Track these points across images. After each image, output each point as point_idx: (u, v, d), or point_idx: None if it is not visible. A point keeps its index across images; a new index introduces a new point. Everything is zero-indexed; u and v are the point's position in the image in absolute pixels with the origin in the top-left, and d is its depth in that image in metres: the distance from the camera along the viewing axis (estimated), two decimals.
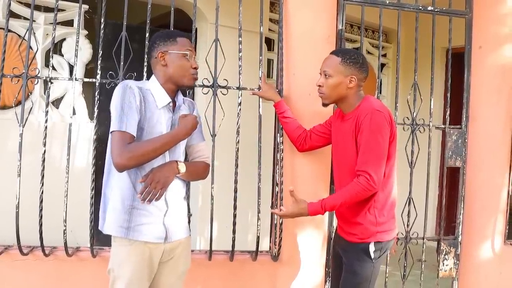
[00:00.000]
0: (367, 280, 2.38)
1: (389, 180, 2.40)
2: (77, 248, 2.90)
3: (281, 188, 2.92)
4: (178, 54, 2.18)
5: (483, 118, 3.32)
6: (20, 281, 2.83)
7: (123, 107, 2.04)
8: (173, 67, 2.18)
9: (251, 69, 3.26)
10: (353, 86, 2.41)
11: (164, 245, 2.18)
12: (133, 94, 2.07)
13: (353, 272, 2.40)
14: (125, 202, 2.10)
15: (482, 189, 3.33)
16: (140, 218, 2.12)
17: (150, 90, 2.17)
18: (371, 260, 2.36)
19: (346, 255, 2.47)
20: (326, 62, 2.46)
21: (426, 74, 3.53)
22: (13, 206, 2.70)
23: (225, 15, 3.36)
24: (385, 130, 2.30)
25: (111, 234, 2.13)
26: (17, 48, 3.48)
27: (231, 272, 3.03)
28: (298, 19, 3.02)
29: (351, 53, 2.45)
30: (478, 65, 3.32)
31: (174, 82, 2.20)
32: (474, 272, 3.35)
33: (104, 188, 2.18)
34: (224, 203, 3.02)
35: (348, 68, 2.39)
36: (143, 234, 2.12)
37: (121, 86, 2.09)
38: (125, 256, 2.12)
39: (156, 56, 2.19)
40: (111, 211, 2.12)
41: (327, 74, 2.41)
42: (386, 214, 2.41)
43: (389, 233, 2.42)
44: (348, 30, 5.82)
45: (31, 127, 3.24)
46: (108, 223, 2.13)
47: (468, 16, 3.32)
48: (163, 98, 2.18)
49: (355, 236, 2.40)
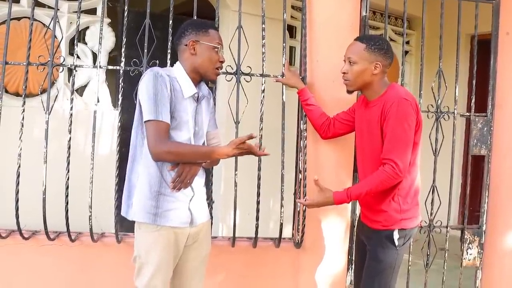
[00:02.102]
0: (391, 267, 2.38)
1: (413, 167, 2.38)
2: (102, 234, 2.94)
3: (304, 175, 2.91)
4: (208, 46, 2.19)
5: (509, 106, 3.27)
6: (47, 265, 2.90)
7: (156, 96, 2.04)
8: (202, 58, 2.19)
9: (274, 57, 3.24)
10: (378, 73, 2.38)
11: (189, 229, 2.22)
12: (164, 82, 2.07)
13: (377, 259, 2.39)
14: (152, 188, 2.12)
15: (508, 178, 3.28)
16: (168, 204, 2.14)
17: (176, 78, 2.17)
18: (395, 247, 2.36)
19: (370, 242, 2.47)
20: (350, 49, 2.43)
21: (450, 61, 3.48)
22: (40, 193, 2.75)
23: (248, 2, 3.35)
24: (411, 118, 2.28)
25: (138, 220, 2.15)
26: (42, 36, 3.51)
27: (254, 259, 3.05)
28: (321, 6, 3.00)
29: (376, 39, 2.43)
30: (505, 52, 3.26)
31: (199, 72, 2.21)
32: (499, 262, 3.31)
33: (128, 174, 2.19)
34: (247, 190, 3.02)
35: (373, 54, 2.37)
36: (170, 219, 2.14)
37: (151, 74, 2.08)
38: (152, 242, 2.14)
39: (187, 43, 2.18)
40: (138, 197, 2.14)
41: (351, 60, 2.39)
42: (410, 202, 2.40)
43: (413, 220, 2.41)
44: (371, 17, 5.75)
45: (56, 115, 3.28)
46: (134, 209, 2.15)
47: (495, 2, 3.26)
48: (190, 87, 2.19)
49: (379, 223, 2.39)
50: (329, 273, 3.03)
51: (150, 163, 2.12)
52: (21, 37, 3.62)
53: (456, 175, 4.04)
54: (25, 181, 2.80)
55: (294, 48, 5.03)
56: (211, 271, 2.61)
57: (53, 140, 2.90)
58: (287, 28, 3.48)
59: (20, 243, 2.85)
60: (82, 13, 3.67)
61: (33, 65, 2.80)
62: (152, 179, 2.13)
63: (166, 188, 2.13)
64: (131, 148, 2.19)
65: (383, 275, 2.38)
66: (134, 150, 2.17)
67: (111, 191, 2.80)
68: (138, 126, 2.16)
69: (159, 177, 2.13)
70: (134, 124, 2.18)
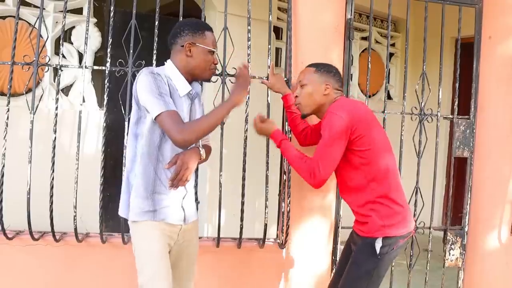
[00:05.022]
0: (368, 275, 2.34)
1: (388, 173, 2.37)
2: (86, 234, 2.94)
3: (288, 176, 2.93)
4: (204, 49, 2.21)
5: (491, 109, 3.31)
6: (31, 265, 2.88)
7: (159, 91, 2.05)
8: (197, 60, 2.21)
9: (260, 58, 3.26)
10: (329, 93, 2.45)
11: (181, 227, 2.24)
12: (162, 81, 2.09)
13: (356, 264, 2.38)
14: (148, 188, 2.14)
15: (490, 180, 3.33)
16: (163, 202, 2.16)
17: (170, 77, 2.18)
18: (376, 256, 2.32)
19: (355, 247, 2.46)
20: (301, 74, 2.54)
21: (434, 64, 3.52)
22: (24, 192, 2.74)
23: (234, 4, 3.36)
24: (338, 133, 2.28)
25: (138, 221, 2.15)
26: (27, 36, 3.49)
27: (239, 259, 3.06)
28: (307, 8, 3.02)
29: (324, 64, 2.54)
30: (487, 55, 3.31)
31: (193, 73, 2.23)
32: (480, 262, 3.36)
33: (127, 174, 2.21)
34: (232, 191, 3.04)
35: (322, 76, 2.46)
36: (167, 216, 2.17)
37: (147, 73, 2.09)
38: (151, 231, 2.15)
39: (183, 45, 2.19)
40: (135, 197, 2.15)
41: (302, 83, 2.48)
42: (391, 208, 2.36)
43: (397, 227, 2.35)
44: (357, 19, 5.79)
45: (41, 115, 3.27)
46: (133, 211, 2.16)
47: (478, 6, 3.31)
48: (185, 86, 2.20)
49: (363, 231, 2.40)
50: (313, 274, 3.05)
51: (147, 162, 2.14)
52: (6, 36, 3.61)
53: (439, 176, 4.09)
54: (9, 181, 2.79)
55: (280, 50, 5.04)
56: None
57: (38, 140, 2.89)
58: (274, 29, 3.50)
59: (4, 243, 2.83)
60: (68, 12, 3.66)
61: (18, 64, 2.79)
62: (148, 179, 2.14)
63: (160, 186, 2.15)
64: (130, 149, 2.20)
65: (359, 281, 2.36)
66: (133, 151, 2.18)
67: (96, 191, 2.80)
68: (135, 126, 2.17)
69: (154, 175, 2.15)
70: (131, 125, 2.19)
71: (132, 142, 2.19)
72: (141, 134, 2.15)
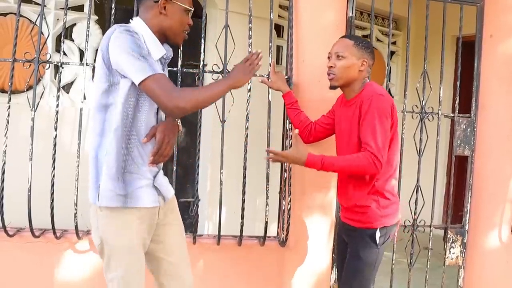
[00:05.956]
0: (371, 265, 2.39)
1: (390, 165, 2.40)
2: (87, 231, 2.94)
3: (289, 174, 2.93)
4: (181, 8, 2.00)
5: (492, 107, 3.31)
6: (31, 262, 2.89)
7: (141, 52, 1.82)
8: (172, 19, 1.99)
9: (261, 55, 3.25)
10: (363, 70, 2.43)
11: (158, 207, 2.05)
12: (140, 41, 1.87)
13: (358, 257, 2.40)
14: (119, 166, 1.90)
15: (490, 178, 3.33)
16: (135, 182, 1.94)
17: (143, 37, 1.93)
18: (376, 246, 2.37)
19: (352, 240, 2.48)
20: (338, 44, 2.47)
21: (435, 62, 3.52)
22: (25, 190, 2.75)
23: (235, 1, 3.36)
24: (387, 112, 2.31)
25: (108, 206, 1.92)
26: (28, 33, 3.49)
27: (239, 257, 3.06)
28: (308, 6, 3.02)
29: (362, 39, 2.50)
30: (488, 54, 3.31)
31: (166, 35, 2.01)
32: (481, 261, 3.36)
33: (96, 151, 1.94)
34: (233, 189, 3.04)
35: (360, 51, 2.42)
36: (141, 199, 1.95)
37: (123, 31, 1.85)
38: (121, 224, 1.94)
39: (158, 0, 1.96)
40: (104, 179, 1.91)
41: (340, 55, 2.42)
42: (389, 199, 2.41)
43: (392, 217, 2.42)
44: (358, 17, 5.78)
45: (42, 112, 3.27)
46: (102, 194, 1.91)
47: (479, 4, 3.30)
48: (159, 49, 1.98)
49: (361, 222, 2.41)
50: (314, 272, 3.05)
51: (118, 137, 1.90)
52: (7, 34, 3.60)
53: (440, 175, 4.09)
54: (10, 178, 2.79)
55: (281, 47, 5.03)
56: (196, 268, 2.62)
57: (39, 137, 2.89)
58: (275, 27, 3.49)
59: (4, 240, 2.83)
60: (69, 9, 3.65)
61: (19, 61, 2.79)
62: (119, 156, 1.90)
63: (132, 164, 1.92)
64: (98, 121, 1.94)
65: (363, 273, 2.40)
66: (101, 124, 1.92)
67: None
68: (105, 95, 1.91)
69: (125, 152, 1.91)
70: (98, 94, 1.92)
71: (100, 114, 1.92)
72: (113, 103, 1.90)
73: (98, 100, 1.92)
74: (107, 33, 1.90)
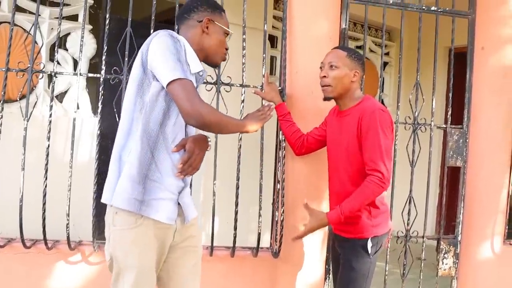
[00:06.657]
0: (364, 276, 2.39)
1: None
2: (79, 242, 2.92)
3: (282, 185, 2.93)
4: (222, 30, 2.07)
5: (484, 119, 3.33)
6: (22, 273, 2.86)
7: (179, 58, 1.82)
8: (213, 39, 2.04)
9: (255, 66, 3.26)
10: (355, 81, 2.45)
11: (176, 227, 1.97)
12: (181, 48, 1.87)
13: (350, 268, 2.41)
14: (141, 170, 1.84)
15: (483, 189, 3.35)
16: (155, 191, 1.87)
17: (184, 47, 1.94)
18: (369, 256, 2.38)
19: (344, 251, 2.49)
20: (331, 55, 2.49)
21: (428, 73, 3.54)
22: (17, 200, 2.73)
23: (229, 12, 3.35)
24: (390, 129, 2.35)
25: (119, 207, 1.84)
26: (22, 42, 3.49)
27: (232, 268, 3.05)
28: (302, 17, 3.03)
29: (354, 51, 2.54)
30: (480, 66, 3.33)
31: (206, 53, 2.06)
32: (473, 271, 3.36)
33: (119, 151, 1.90)
34: (226, 199, 3.03)
35: (353, 62, 2.45)
36: (156, 211, 1.87)
37: (167, 34, 1.86)
38: (131, 240, 1.86)
39: (201, 20, 2.02)
40: (125, 178, 1.85)
41: (333, 65, 2.44)
42: (379, 208, 2.43)
43: (382, 226, 2.44)
44: (351, 29, 5.82)
45: (35, 121, 3.25)
46: (119, 191, 1.85)
47: (471, 17, 3.33)
48: (197, 64, 2.00)
49: (352, 233, 2.42)
50: (307, 283, 3.04)
51: (145, 140, 1.86)
52: (0, 43, 3.59)
53: (433, 186, 4.10)
54: (2, 187, 2.78)
55: (275, 58, 5.05)
56: None
57: (32, 147, 2.88)
58: (269, 38, 3.51)
59: None
60: (64, 19, 3.66)
61: (13, 71, 2.78)
62: (143, 158, 1.85)
63: (155, 172, 1.86)
64: (126, 121, 1.90)
65: (357, 283, 2.40)
66: (129, 123, 1.89)
67: (89, 199, 2.79)
68: (137, 94, 1.89)
69: (150, 158, 1.86)
70: (131, 90, 1.90)
71: (129, 113, 1.89)
72: (143, 105, 1.87)
73: (130, 96, 1.91)
74: (151, 35, 1.92)
